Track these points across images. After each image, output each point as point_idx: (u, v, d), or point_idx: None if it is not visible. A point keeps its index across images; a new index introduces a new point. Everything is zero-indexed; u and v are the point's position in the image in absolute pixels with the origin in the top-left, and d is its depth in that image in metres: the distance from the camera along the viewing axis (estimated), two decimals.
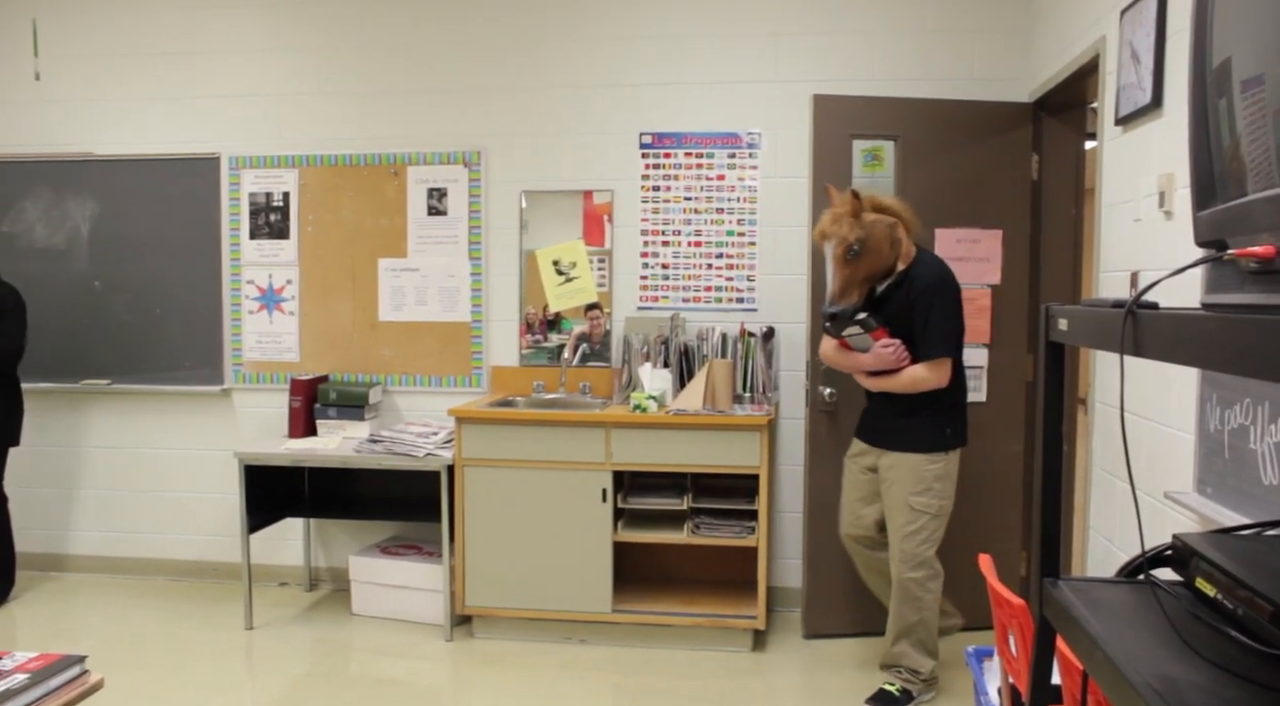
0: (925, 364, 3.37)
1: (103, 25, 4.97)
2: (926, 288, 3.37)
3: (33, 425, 5.07)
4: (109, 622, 4.46)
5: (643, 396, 4.07)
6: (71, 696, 1.75)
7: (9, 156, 5.03)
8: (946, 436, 3.46)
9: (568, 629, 4.13)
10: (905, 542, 3.46)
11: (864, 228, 3.34)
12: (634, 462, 4.01)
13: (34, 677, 1.70)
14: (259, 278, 4.87)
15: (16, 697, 1.64)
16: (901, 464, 3.46)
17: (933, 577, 3.49)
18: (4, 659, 1.77)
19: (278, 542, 4.84)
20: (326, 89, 4.80)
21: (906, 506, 3.45)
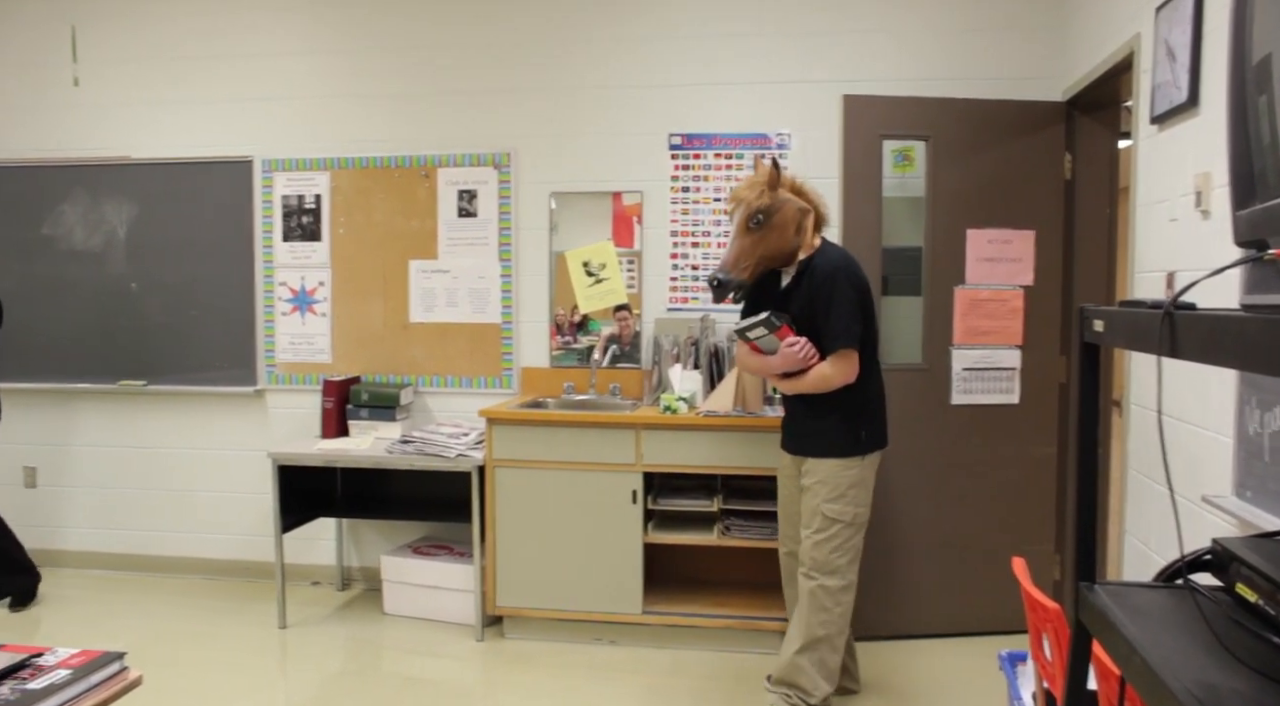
0: (830, 358, 3.20)
1: (139, 31, 5.03)
2: (825, 277, 3.21)
3: (70, 425, 5.16)
4: (146, 620, 4.51)
5: (673, 398, 4.07)
6: (111, 692, 1.76)
7: (49, 161, 5.11)
8: (861, 440, 3.27)
9: (598, 630, 4.13)
10: (815, 550, 3.27)
11: (774, 200, 3.23)
12: (664, 464, 4.01)
13: (75, 674, 1.72)
14: (291, 279, 4.91)
15: (59, 693, 1.66)
16: (817, 470, 3.28)
17: (844, 589, 3.29)
18: (46, 655, 1.79)
19: (311, 542, 4.89)
20: (358, 92, 4.84)
21: (820, 514, 3.26)
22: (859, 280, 3.24)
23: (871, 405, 3.32)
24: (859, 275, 3.25)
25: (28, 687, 1.66)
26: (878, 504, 4.12)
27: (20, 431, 5.27)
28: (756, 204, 3.22)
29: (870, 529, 3.99)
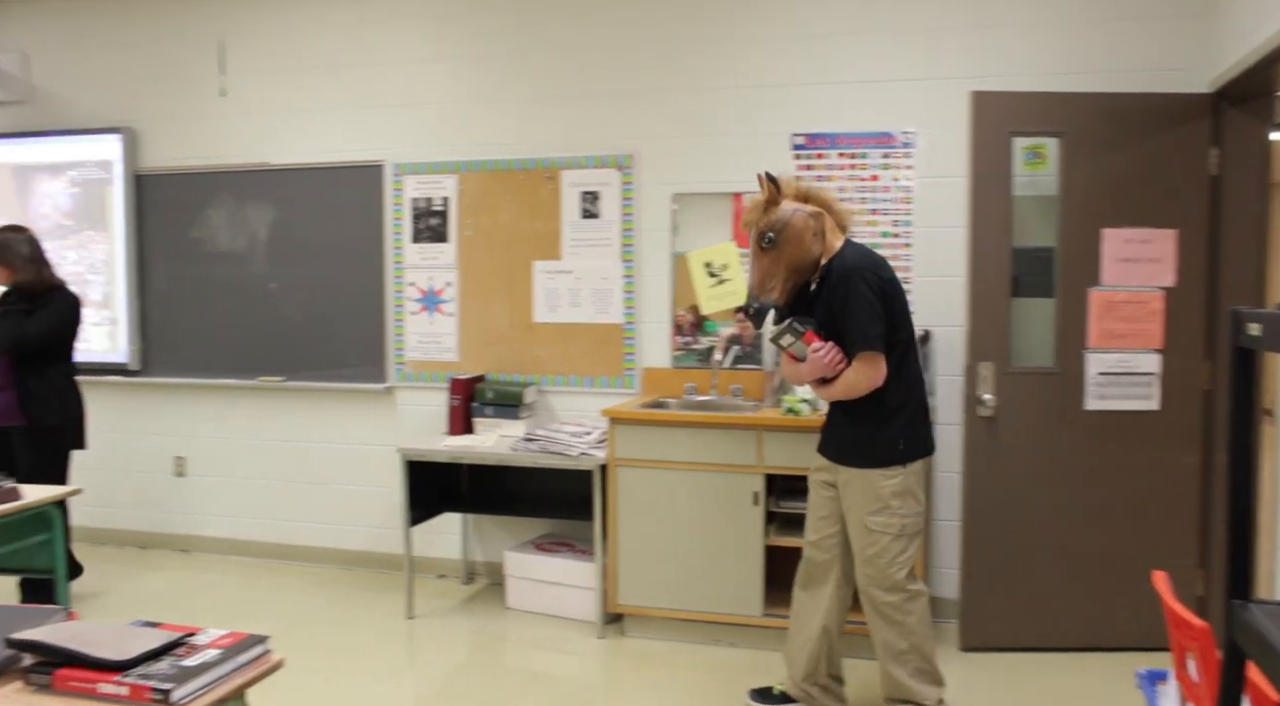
0: (854, 363, 3.07)
1: (281, 43, 5.26)
2: (840, 279, 3.07)
3: (216, 418, 5.43)
4: (284, 605, 4.71)
5: (795, 399, 4.04)
6: (256, 673, 1.85)
7: (197, 168, 5.39)
8: (900, 450, 3.12)
9: (717, 631, 4.13)
10: (867, 566, 3.16)
11: (780, 215, 3.12)
12: (786, 466, 3.98)
13: (225, 653, 1.81)
14: (420, 280, 5.06)
15: (211, 671, 1.75)
16: (855, 481, 3.16)
17: (910, 599, 3.16)
18: (199, 634, 1.89)
19: (437, 536, 5.02)
20: (485, 96, 4.95)
21: (864, 528, 3.14)
22: (877, 280, 3.07)
23: (909, 411, 3.15)
24: (877, 274, 3.08)
25: (183, 664, 1.76)
26: (1001, 509, 4.02)
27: (171, 423, 5.57)
28: (762, 223, 3.14)
29: (995, 536, 3.90)
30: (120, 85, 5.57)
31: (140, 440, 5.65)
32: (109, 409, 5.67)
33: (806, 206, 3.15)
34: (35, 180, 5.67)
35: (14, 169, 5.71)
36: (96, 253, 5.57)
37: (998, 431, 4.01)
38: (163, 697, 1.66)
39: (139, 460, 5.65)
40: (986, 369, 4.02)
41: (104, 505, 5.59)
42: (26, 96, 5.70)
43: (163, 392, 5.57)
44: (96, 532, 5.68)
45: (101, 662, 1.72)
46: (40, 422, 4.28)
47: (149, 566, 5.38)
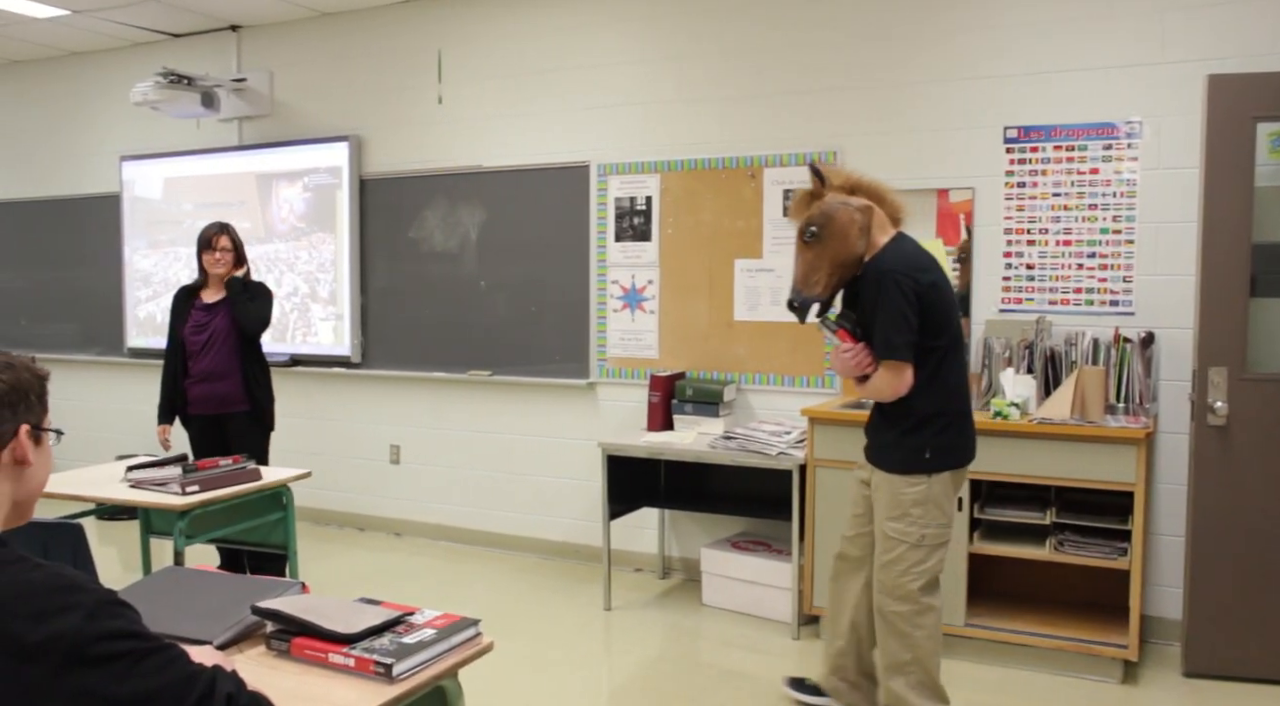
0: (883, 369, 2.97)
1: (494, 51, 5.48)
2: (874, 282, 2.96)
3: (429, 409, 5.73)
4: (488, 591, 4.92)
5: (1004, 403, 3.88)
6: (467, 655, 1.93)
7: (415, 172, 5.69)
8: (925, 458, 2.99)
9: None
10: (882, 572, 3.07)
11: (823, 209, 3.00)
12: (993, 472, 3.83)
13: (440, 634, 1.91)
14: (623, 278, 5.16)
15: (427, 649, 1.85)
16: (882, 485, 3.07)
17: (920, 612, 3.04)
18: (416, 614, 2.00)
19: (635, 530, 5.11)
20: (687, 96, 5.00)
21: (883, 533, 3.06)
22: (914, 284, 2.92)
23: (942, 421, 3.01)
24: (914, 278, 2.93)
25: (403, 641, 1.86)
26: (1232, 525, 3.72)
27: (388, 413, 5.91)
28: (807, 215, 3.05)
29: (1224, 555, 3.61)
30: (349, 96, 5.95)
31: (360, 428, 6.02)
32: (332, 398, 6.08)
33: (854, 200, 3.04)
34: (275, 186, 6.14)
35: (257, 176, 6.19)
36: (325, 252, 5.97)
37: (1230, 442, 3.72)
38: (385, 671, 1.76)
39: (358, 447, 6.02)
40: (1218, 375, 3.73)
41: (326, 488, 5.98)
42: (269, 110, 6.18)
43: (380, 384, 5.92)
44: (319, 513, 6.09)
45: (332, 634, 1.85)
46: (260, 407, 4.57)
47: (365, 547, 5.73)
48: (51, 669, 1.28)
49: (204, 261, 4.57)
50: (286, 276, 6.11)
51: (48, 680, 1.28)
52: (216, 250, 4.52)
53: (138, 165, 6.68)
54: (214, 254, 4.53)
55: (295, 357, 6.09)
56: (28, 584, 1.33)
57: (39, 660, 1.28)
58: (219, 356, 4.51)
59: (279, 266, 6.14)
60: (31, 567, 1.36)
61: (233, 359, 4.51)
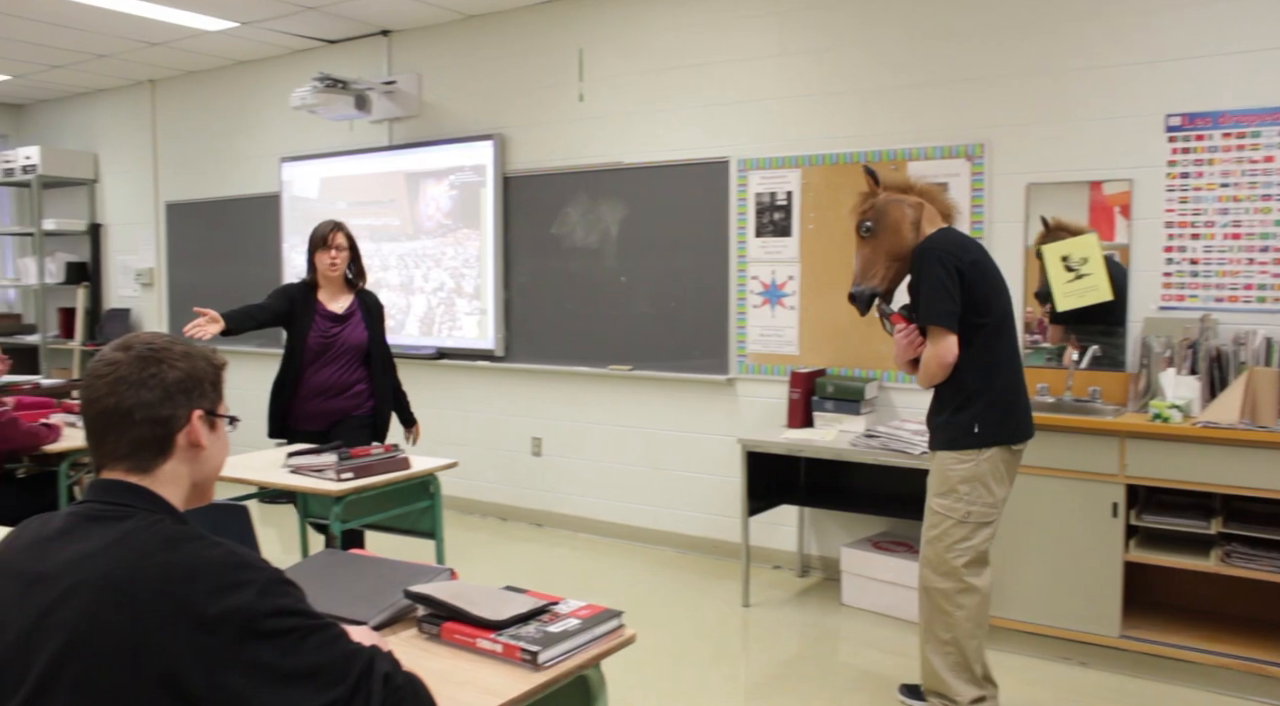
0: (927, 341, 3.12)
1: (634, 48, 5.52)
2: (916, 259, 3.14)
3: (570, 403, 5.83)
4: (627, 583, 4.97)
5: (1164, 405, 3.69)
6: (610, 646, 1.96)
7: (557, 169, 5.79)
8: (974, 433, 3.08)
9: (1066, 648, 3.87)
10: (928, 548, 3.19)
11: (876, 206, 3.24)
12: (1152, 477, 3.65)
13: (584, 624, 1.94)
14: (763, 273, 5.13)
15: (571, 639, 1.88)
16: (932, 463, 3.21)
17: (964, 592, 3.12)
18: (560, 603, 2.04)
19: (773, 527, 5.08)
20: (828, 90, 4.93)
21: (929, 508, 3.19)
22: (954, 260, 3.07)
23: (987, 397, 3.10)
24: (956, 255, 3.08)
25: (548, 629, 1.90)
26: None
27: (530, 406, 6.03)
28: (861, 212, 3.28)
29: None
30: (493, 96, 6.09)
31: (503, 420, 6.17)
32: (477, 391, 6.25)
33: (907, 197, 3.23)
34: (423, 184, 6.34)
35: (406, 175, 6.41)
36: (470, 248, 6.14)
37: None
38: (531, 658, 1.80)
39: (502, 439, 6.17)
40: None
41: (471, 478, 6.15)
42: (418, 111, 6.39)
43: (523, 377, 6.05)
44: (464, 502, 6.26)
45: (480, 620, 1.90)
46: (381, 416, 4.38)
47: (507, 536, 5.86)
48: (228, 640, 1.35)
49: (318, 261, 4.28)
50: (433, 272, 6.31)
51: (225, 650, 1.35)
52: (332, 248, 4.24)
53: (296, 166, 7.01)
54: (329, 252, 4.24)
55: (441, 351, 6.28)
56: (207, 560, 1.41)
57: (217, 631, 1.35)
58: (341, 370, 4.28)
59: (426, 262, 6.34)
60: (210, 544, 1.44)
61: (355, 371, 4.31)
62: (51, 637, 1.37)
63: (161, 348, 1.56)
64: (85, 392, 1.53)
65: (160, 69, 7.65)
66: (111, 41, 6.79)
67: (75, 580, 1.39)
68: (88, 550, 1.42)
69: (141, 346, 1.55)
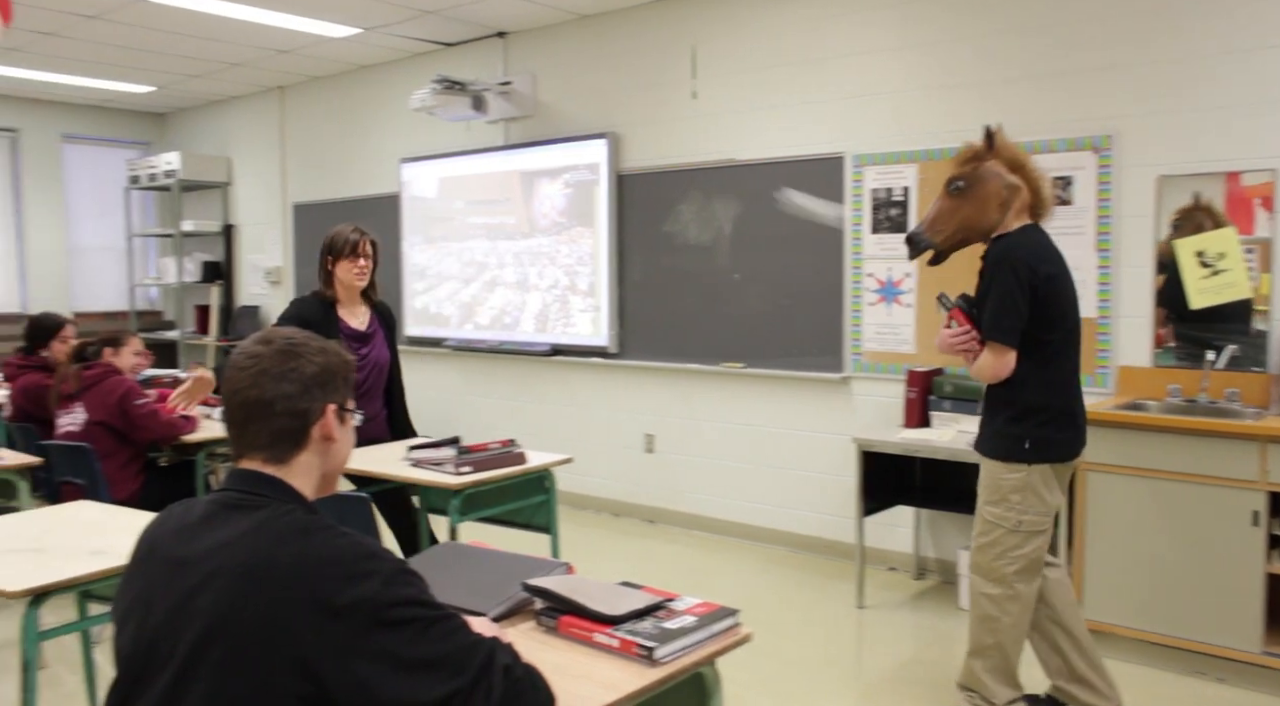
0: (986, 351, 3.04)
1: (747, 45, 5.49)
2: (991, 264, 3.05)
3: (683, 400, 5.83)
4: (740, 581, 4.95)
5: None
6: (726, 644, 1.95)
7: (670, 166, 5.80)
8: (1024, 449, 3.03)
9: (1201, 662, 3.70)
10: (978, 554, 3.16)
11: (977, 171, 3.10)
12: None
13: (700, 621, 1.93)
14: (879, 271, 5.04)
15: (687, 636, 1.88)
16: (982, 469, 3.16)
17: (1011, 598, 3.09)
18: (676, 600, 2.04)
19: (888, 528, 4.99)
20: (945, 82, 4.81)
21: (980, 516, 3.15)
22: (1030, 273, 2.97)
23: (1044, 415, 3.05)
24: (1032, 267, 2.98)
25: (664, 626, 1.90)
26: None
27: (643, 402, 6.07)
28: (960, 169, 3.14)
29: None
30: (606, 95, 6.14)
31: (616, 417, 6.21)
32: (590, 388, 6.31)
33: (1010, 176, 3.09)
34: (537, 183, 6.43)
35: (521, 174, 6.51)
36: (584, 246, 6.20)
37: None
38: (647, 654, 1.81)
39: (614, 435, 6.22)
40: None
41: (584, 474, 6.21)
42: (533, 111, 6.48)
43: (636, 374, 6.08)
44: (577, 498, 6.33)
45: (597, 615, 1.92)
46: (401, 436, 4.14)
47: (620, 532, 5.91)
48: (355, 628, 1.40)
49: (340, 271, 3.85)
50: (548, 269, 6.40)
51: (352, 638, 1.40)
52: (361, 257, 3.86)
53: (415, 166, 7.19)
54: (357, 261, 3.85)
55: (555, 347, 6.36)
56: (336, 550, 1.46)
57: (345, 619, 1.40)
58: (373, 403, 3.95)
59: (540, 260, 6.43)
60: (339, 534, 1.49)
61: (378, 399, 4.01)
62: (195, 620, 1.44)
63: (300, 343, 1.63)
64: (228, 384, 1.61)
65: (289, 75, 7.94)
66: (245, 51, 7.08)
67: (215, 566, 1.46)
68: (226, 538, 1.49)
69: (282, 341, 1.63)
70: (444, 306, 7.08)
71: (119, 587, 1.61)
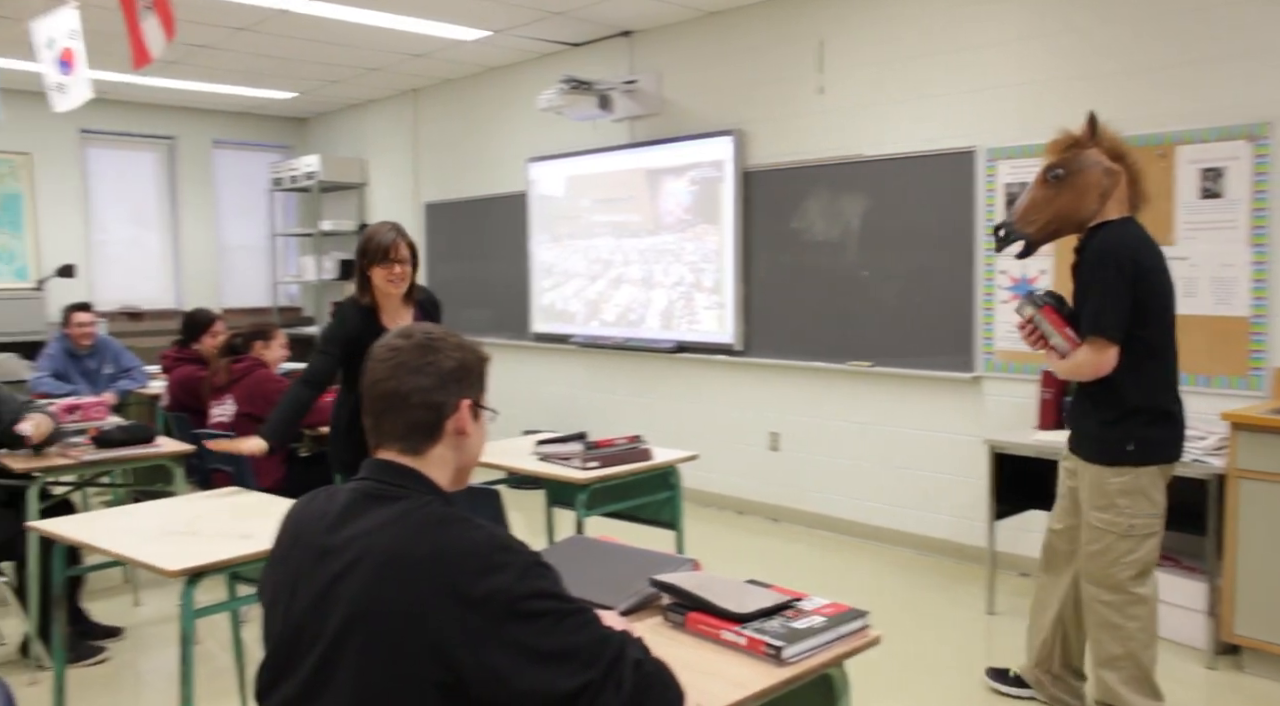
0: (1085, 347, 2.94)
1: (875, 38, 5.40)
2: (1094, 256, 2.95)
3: (809, 398, 5.78)
4: (866, 583, 4.89)
5: None
6: (854, 646, 1.93)
7: (797, 163, 5.75)
8: (1128, 451, 2.96)
9: None
10: (1090, 563, 3.06)
11: (1078, 159, 2.99)
12: None
13: (829, 622, 1.92)
14: (1012, 267, 4.89)
15: (816, 636, 1.86)
16: (1085, 473, 3.06)
17: (1134, 603, 3.00)
18: (804, 600, 2.02)
19: (1020, 532, 4.83)
20: (1084, 72, 4.63)
21: (1089, 523, 3.05)
22: (1134, 266, 2.90)
23: (1144, 415, 2.98)
24: (1135, 261, 2.92)
25: (792, 625, 1.89)
26: None
27: (767, 400, 6.04)
28: (1060, 157, 3.03)
29: None
30: (732, 92, 6.12)
31: (740, 414, 6.20)
32: (714, 385, 6.31)
33: (1111, 164, 3.00)
34: (663, 181, 6.46)
35: (646, 172, 6.55)
36: (709, 243, 6.20)
37: None
38: (775, 653, 1.80)
39: (739, 432, 6.20)
40: None
41: (708, 471, 6.21)
42: (658, 109, 6.51)
43: (761, 372, 6.05)
44: (701, 494, 6.33)
45: (725, 612, 1.92)
46: None
47: (744, 530, 5.89)
48: (491, 619, 1.44)
49: (375, 277, 3.55)
50: (673, 267, 6.42)
51: (487, 628, 1.43)
52: (395, 262, 3.53)
53: (541, 166, 7.31)
54: (391, 268, 3.53)
55: (680, 344, 6.38)
56: (472, 542, 1.50)
57: (480, 610, 1.44)
58: None
59: (666, 257, 6.46)
60: (475, 527, 1.54)
61: None
62: (338, 606, 1.50)
63: (439, 338, 1.68)
64: (368, 376, 1.67)
65: (422, 78, 8.17)
66: (382, 56, 7.31)
67: (357, 554, 1.52)
68: (368, 527, 1.55)
69: (421, 335, 1.68)
70: (570, 303, 7.18)
71: (265, 571, 1.69)
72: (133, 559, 2.65)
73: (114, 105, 8.74)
